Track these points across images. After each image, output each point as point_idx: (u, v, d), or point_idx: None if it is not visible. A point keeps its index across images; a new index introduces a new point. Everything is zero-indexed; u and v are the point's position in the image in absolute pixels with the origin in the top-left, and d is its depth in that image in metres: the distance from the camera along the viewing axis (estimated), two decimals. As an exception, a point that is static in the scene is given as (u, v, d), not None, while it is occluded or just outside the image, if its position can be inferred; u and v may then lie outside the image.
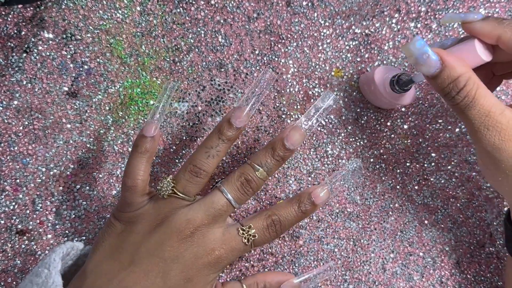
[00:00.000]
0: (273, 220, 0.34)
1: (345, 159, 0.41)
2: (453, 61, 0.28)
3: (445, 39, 0.33)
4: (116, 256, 0.32)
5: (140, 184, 0.34)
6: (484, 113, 0.28)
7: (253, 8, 0.40)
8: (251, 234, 0.34)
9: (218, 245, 0.33)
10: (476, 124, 0.28)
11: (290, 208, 0.35)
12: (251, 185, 0.34)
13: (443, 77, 0.28)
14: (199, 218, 0.33)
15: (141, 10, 0.39)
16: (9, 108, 0.38)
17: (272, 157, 0.34)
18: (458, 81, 0.28)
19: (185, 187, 0.33)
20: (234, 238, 0.33)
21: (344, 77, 0.41)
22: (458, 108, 0.29)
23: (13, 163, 0.38)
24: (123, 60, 0.39)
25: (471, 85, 0.28)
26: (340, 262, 0.42)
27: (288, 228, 0.35)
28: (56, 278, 0.29)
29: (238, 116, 0.33)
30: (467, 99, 0.28)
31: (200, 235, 0.32)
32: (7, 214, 0.38)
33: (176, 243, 0.32)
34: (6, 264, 0.38)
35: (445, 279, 0.43)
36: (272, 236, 0.34)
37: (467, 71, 0.28)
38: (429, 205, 0.42)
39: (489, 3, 0.41)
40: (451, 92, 0.28)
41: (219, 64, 0.40)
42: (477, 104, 0.28)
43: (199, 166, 0.33)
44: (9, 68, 0.38)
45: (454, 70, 0.28)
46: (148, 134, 0.34)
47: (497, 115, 0.28)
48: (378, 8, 0.41)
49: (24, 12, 0.38)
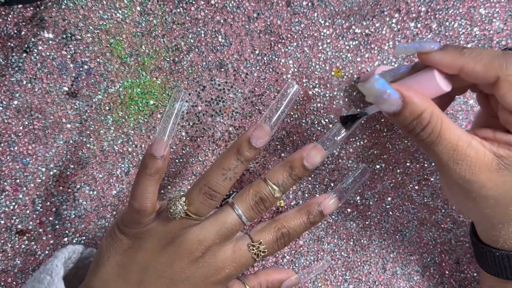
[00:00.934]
0: (282, 234, 0.33)
1: (345, 159, 0.41)
2: (414, 96, 0.26)
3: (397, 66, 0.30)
4: (124, 275, 0.31)
5: (149, 207, 0.31)
6: (451, 148, 0.26)
7: (253, 8, 0.40)
8: (261, 250, 0.33)
9: (229, 263, 0.32)
10: (444, 159, 0.27)
11: (299, 220, 0.34)
12: (265, 204, 0.33)
13: (405, 115, 0.26)
14: (210, 239, 0.32)
15: (141, 10, 0.39)
16: (9, 108, 0.38)
17: (289, 176, 0.32)
18: (422, 117, 0.26)
19: (198, 209, 0.31)
20: (244, 255, 0.33)
21: (344, 77, 0.41)
22: (424, 144, 0.27)
23: (13, 163, 0.38)
24: (123, 60, 0.39)
25: (436, 120, 0.26)
26: (340, 262, 0.42)
27: (296, 238, 0.35)
28: (59, 284, 0.29)
29: (259, 137, 0.31)
30: (433, 135, 0.26)
31: (211, 255, 0.32)
32: (7, 214, 0.38)
33: (187, 265, 0.31)
34: (6, 264, 0.38)
35: (445, 279, 0.43)
36: (281, 248, 0.34)
37: (429, 105, 0.26)
38: (429, 205, 0.42)
39: (489, 3, 0.41)
40: (415, 129, 0.27)
41: (219, 64, 0.40)
42: (444, 139, 0.26)
43: (215, 189, 0.31)
44: (9, 68, 0.38)
45: (416, 106, 0.26)
46: (158, 154, 0.31)
47: (464, 149, 0.26)
48: (378, 8, 0.41)
49: (24, 12, 0.38)
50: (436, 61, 0.27)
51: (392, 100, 0.26)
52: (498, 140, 0.27)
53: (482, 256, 0.32)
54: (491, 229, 0.30)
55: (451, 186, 0.29)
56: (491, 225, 0.30)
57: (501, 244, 0.30)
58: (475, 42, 0.42)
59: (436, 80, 0.27)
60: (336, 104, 0.41)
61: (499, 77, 0.26)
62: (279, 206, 0.41)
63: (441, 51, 0.27)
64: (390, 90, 0.26)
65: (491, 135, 0.28)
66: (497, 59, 0.26)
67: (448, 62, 0.27)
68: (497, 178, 0.27)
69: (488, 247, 0.31)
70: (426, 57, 0.27)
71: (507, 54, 0.26)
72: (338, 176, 0.42)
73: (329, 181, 0.42)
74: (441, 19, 0.41)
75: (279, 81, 0.41)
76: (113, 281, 0.31)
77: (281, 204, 0.41)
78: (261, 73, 0.41)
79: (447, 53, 0.27)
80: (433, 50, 0.27)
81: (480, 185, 0.27)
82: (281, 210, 0.41)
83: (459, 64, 0.27)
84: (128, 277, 0.31)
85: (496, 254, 0.31)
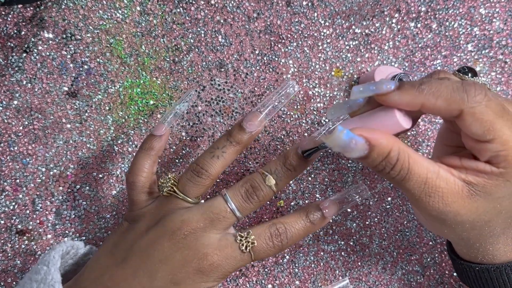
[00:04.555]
0: (277, 228, 0.32)
1: (345, 159, 0.41)
2: (379, 138, 0.26)
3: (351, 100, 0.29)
4: (113, 252, 0.32)
5: (140, 180, 0.33)
6: (422, 182, 0.26)
7: (253, 8, 0.40)
8: (250, 240, 0.31)
9: (212, 250, 0.31)
10: (416, 193, 0.27)
11: (297, 218, 0.32)
12: (256, 193, 0.32)
13: (373, 157, 0.26)
14: (194, 220, 0.31)
15: (141, 10, 0.39)
16: (9, 108, 0.38)
17: (283, 165, 0.32)
18: (390, 157, 0.26)
19: (185, 186, 0.33)
20: (231, 245, 0.31)
21: (344, 77, 0.41)
22: (395, 181, 0.27)
23: (13, 163, 0.38)
24: (123, 60, 0.39)
25: (403, 156, 0.26)
26: (340, 262, 0.42)
27: (295, 241, 0.33)
28: (55, 274, 0.29)
29: (250, 120, 0.32)
30: (403, 172, 0.26)
31: (193, 238, 0.31)
32: (7, 214, 0.38)
33: (167, 244, 0.31)
34: (6, 264, 0.38)
35: (445, 279, 0.43)
36: (276, 246, 0.32)
37: (395, 143, 0.26)
38: (429, 205, 0.42)
39: (489, 3, 0.41)
40: (385, 169, 0.27)
41: (219, 64, 0.40)
42: (414, 174, 0.26)
43: (201, 165, 0.32)
44: (9, 68, 0.38)
45: (382, 147, 0.26)
46: (156, 133, 0.34)
47: (434, 180, 0.26)
48: (378, 8, 0.41)
49: (24, 12, 0.38)
50: (396, 101, 0.27)
51: (359, 146, 0.25)
52: (465, 167, 0.27)
53: (463, 272, 0.32)
54: (469, 248, 0.30)
55: (426, 216, 0.29)
56: (468, 245, 0.30)
57: (480, 259, 0.31)
58: (475, 42, 0.42)
59: (397, 119, 0.27)
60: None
61: (462, 110, 0.25)
62: (279, 206, 0.41)
63: (399, 91, 0.26)
64: (356, 138, 0.25)
65: (458, 162, 0.27)
66: (458, 92, 0.25)
67: (407, 102, 0.26)
68: (470, 204, 0.27)
69: (468, 262, 0.32)
70: (384, 98, 0.27)
71: (466, 85, 0.26)
72: (338, 176, 0.42)
73: (329, 181, 0.42)
74: (441, 19, 0.41)
75: (279, 81, 0.41)
76: (104, 257, 0.32)
77: (281, 204, 0.41)
78: (261, 73, 0.41)
79: (405, 93, 0.26)
80: (390, 90, 0.26)
81: (454, 214, 0.27)
82: (281, 211, 0.41)
83: (419, 102, 0.26)
84: (115, 255, 0.32)
85: (476, 268, 0.31)
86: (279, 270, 0.41)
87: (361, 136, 0.26)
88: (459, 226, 0.28)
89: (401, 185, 0.27)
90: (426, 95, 0.26)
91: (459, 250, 0.32)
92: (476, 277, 0.31)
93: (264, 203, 0.33)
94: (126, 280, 0.30)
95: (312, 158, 0.32)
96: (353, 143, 0.25)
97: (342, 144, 0.25)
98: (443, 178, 0.26)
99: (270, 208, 0.41)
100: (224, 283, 0.41)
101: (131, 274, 0.30)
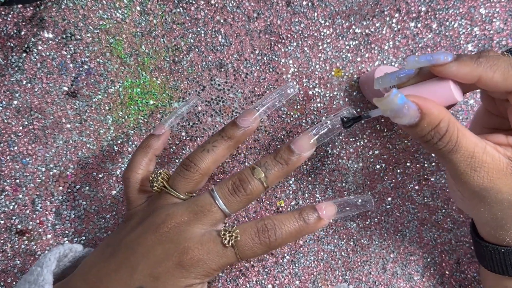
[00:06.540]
0: (265, 224, 0.30)
1: (345, 159, 0.41)
2: (431, 107, 0.26)
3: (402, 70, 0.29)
4: (104, 249, 0.32)
5: (135, 177, 0.34)
6: (469, 155, 0.26)
7: (253, 8, 0.40)
8: (234, 235, 0.30)
9: (193, 244, 0.29)
10: (461, 167, 0.27)
11: (289, 216, 0.31)
12: (243, 185, 0.31)
13: (423, 125, 0.26)
14: (179, 214, 0.30)
15: (141, 10, 0.39)
16: (9, 108, 0.38)
17: (273, 158, 0.31)
18: (440, 127, 0.26)
19: (174, 181, 0.32)
20: (213, 239, 0.30)
21: (344, 77, 0.41)
22: (440, 153, 0.27)
23: (13, 163, 0.38)
24: (123, 60, 0.39)
25: (452, 129, 0.26)
26: (340, 262, 0.42)
27: (286, 241, 0.31)
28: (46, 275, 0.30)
29: (243, 116, 0.32)
30: (450, 144, 0.26)
31: (176, 231, 0.30)
32: (7, 214, 0.38)
33: (150, 237, 0.30)
34: (6, 264, 0.38)
35: (445, 279, 0.43)
36: (263, 243, 0.30)
37: (446, 114, 0.26)
38: (429, 205, 0.42)
39: (489, 3, 0.41)
40: (433, 139, 0.27)
41: (219, 64, 0.40)
42: (461, 147, 0.26)
43: (191, 159, 0.32)
44: (9, 68, 0.38)
45: (433, 116, 0.26)
46: (155, 132, 0.35)
47: (481, 155, 0.26)
48: (378, 8, 0.41)
49: (24, 12, 0.38)
50: (453, 73, 0.27)
51: (411, 112, 0.25)
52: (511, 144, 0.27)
53: (486, 255, 0.32)
54: (499, 229, 0.30)
55: (466, 192, 0.29)
56: (500, 225, 0.30)
57: (507, 241, 0.31)
58: (475, 42, 0.42)
59: (451, 91, 0.27)
60: (336, 104, 0.41)
61: None
62: (279, 206, 0.41)
63: (457, 62, 0.26)
64: (410, 104, 0.25)
65: (504, 140, 0.28)
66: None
67: (465, 73, 0.26)
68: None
69: (493, 245, 0.32)
70: (441, 69, 0.27)
71: None
72: (338, 176, 0.42)
73: (329, 181, 0.42)
74: (441, 19, 0.41)
75: (279, 81, 0.41)
76: (94, 255, 0.32)
77: (281, 204, 0.41)
78: (261, 73, 0.41)
79: (464, 64, 0.26)
80: (447, 61, 0.27)
81: (496, 191, 0.27)
82: (281, 211, 0.41)
83: (476, 75, 0.26)
84: (104, 251, 0.32)
85: (502, 251, 0.31)
86: (279, 270, 0.41)
87: (415, 102, 0.26)
88: (498, 204, 0.28)
89: (447, 158, 0.27)
90: (485, 68, 0.26)
91: (486, 231, 0.32)
92: (501, 260, 0.31)
93: (254, 198, 0.31)
94: (109, 275, 0.30)
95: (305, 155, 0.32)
96: (405, 108, 0.25)
97: (396, 107, 0.25)
98: (489, 154, 0.27)
99: (270, 208, 0.41)
100: (224, 283, 0.41)
101: (114, 269, 0.30)
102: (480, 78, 0.26)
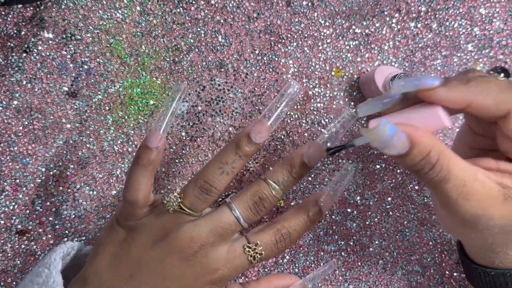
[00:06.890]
0: (282, 235, 0.32)
1: (345, 159, 0.41)
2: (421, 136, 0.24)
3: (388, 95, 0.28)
4: (117, 267, 0.31)
5: (141, 199, 0.32)
6: (460, 184, 0.25)
7: (253, 8, 0.40)
8: (258, 252, 0.31)
9: (222, 264, 0.31)
10: (453, 196, 0.25)
11: (298, 218, 0.32)
12: (264, 204, 0.31)
13: (413, 155, 0.25)
14: (203, 237, 0.30)
15: (141, 10, 0.39)
16: (9, 108, 0.38)
17: (290, 175, 0.31)
18: (430, 157, 0.24)
19: (193, 204, 0.31)
20: (239, 256, 0.31)
21: (344, 77, 0.41)
22: (432, 183, 0.26)
23: (13, 163, 0.38)
24: (123, 60, 0.39)
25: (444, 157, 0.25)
26: (340, 262, 0.42)
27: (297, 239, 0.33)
28: (56, 277, 0.29)
29: (258, 131, 0.30)
30: (442, 173, 0.25)
31: (203, 254, 0.31)
32: (7, 214, 0.38)
33: (177, 262, 0.30)
34: (6, 264, 0.38)
35: (445, 279, 0.43)
36: (281, 250, 0.32)
37: (436, 143, 0.25)
38: (429, 205, 0.42)
39: (489, 3, 0.41)
40: (424, 169, 0.25)
41: (219, 64, 0.40)
42: (452, 176, 0.25)
43: (211, 183, 0.31)
44: (9, 68, 0.38)
45: (424, 146, 0.24)
46: (152, 145, 0.31)
47: (472, 183, 0.25)
48: (378, 8, 0.41)
49: (24, 12, 0.38)
50: (441, 98, 0.25)
51: (400, 143, 0.24)
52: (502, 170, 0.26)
53: (475, 276, 0.32)
54: (489, 252, 0.30)
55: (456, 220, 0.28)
56: (490, 249, 0.29)
57: (496, 264, 0.30)
58: (475, 42, 0.42)
59: (440, 118, 0.25)
60: (336, 104, 0.41)
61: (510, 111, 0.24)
62: (279, 206, 0.41)
63: (446, 87, 0.25)
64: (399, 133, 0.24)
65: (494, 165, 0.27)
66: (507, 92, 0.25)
67: (454, 99, 0.25)
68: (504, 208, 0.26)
69: (482, 267, 0.31)
70: (429, 95, 0.25)
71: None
72: (338, 176, 0.42)
73: (329, 181, 0.42)
74: (441, 19, 0.41)
75: (279, 81, 0.41)
76: (106, 271, 0.31)
77: (281, 204, 0.41)
78: (261, 73, 0.41)
79: (453, 89, 0.25)
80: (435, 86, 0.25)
81: (488, 219, 0.26)
82: (281, 211, 0.41)
83: (467, 100, 0.25)
84: (120, 269, 0.31)
85: (491, 273, 0.30)
86: (279, 270, 0.41)
87: (405, 132, 0.24)
88: (489, 230, 0.27)
89: (438, 187, 0.26)
90: (475, 93, 0.25)
91: (476, 254, 0.31)
92: (491, 282, 0.31)
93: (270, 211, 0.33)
94: None
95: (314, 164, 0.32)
96: (395, 139, 0.23)
97: (385, 139, 0.23)
98: (480, 182, 0.25)
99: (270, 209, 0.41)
100: (224, 283, 0.41)
101: None
102: (470, 104, 0.25)
